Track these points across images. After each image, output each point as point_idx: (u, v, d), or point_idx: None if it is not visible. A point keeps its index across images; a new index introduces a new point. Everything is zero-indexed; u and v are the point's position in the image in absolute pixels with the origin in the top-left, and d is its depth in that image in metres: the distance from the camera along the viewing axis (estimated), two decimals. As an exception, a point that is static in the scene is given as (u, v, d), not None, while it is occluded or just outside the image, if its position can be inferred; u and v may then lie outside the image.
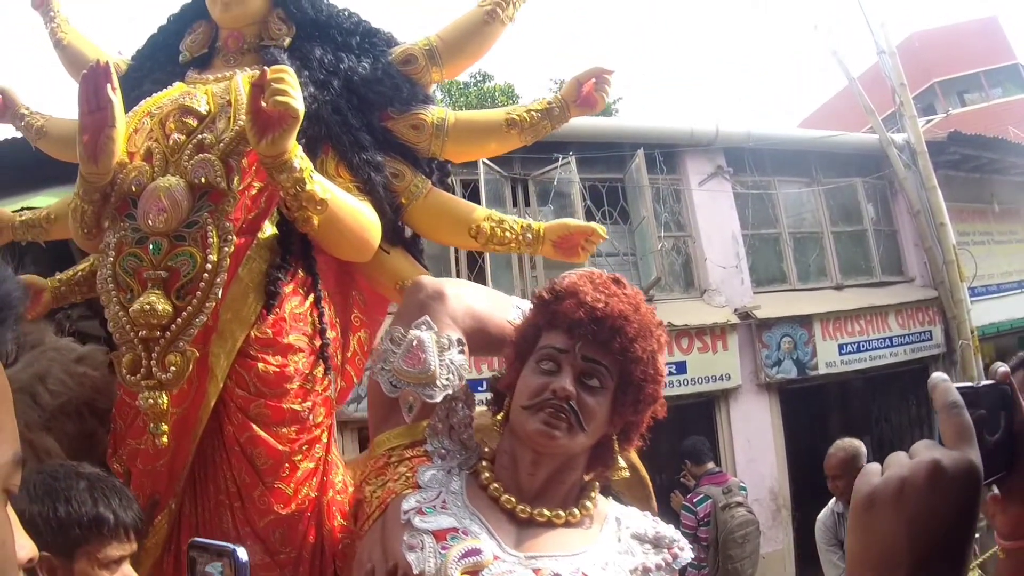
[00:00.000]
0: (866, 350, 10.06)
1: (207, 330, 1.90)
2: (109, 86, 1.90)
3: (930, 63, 18.08)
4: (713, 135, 9.75)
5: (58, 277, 2.39)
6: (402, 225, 2.35)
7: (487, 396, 1.85)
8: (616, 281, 1.72)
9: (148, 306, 1.84)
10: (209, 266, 1.89)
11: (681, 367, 8.64)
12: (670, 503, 6.02)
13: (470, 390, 1.81)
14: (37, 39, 2.71)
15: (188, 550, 1.35)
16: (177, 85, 2.21)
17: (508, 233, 2.28)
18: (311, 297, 2.08)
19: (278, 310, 1.99)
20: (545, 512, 1.62)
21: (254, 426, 1.91)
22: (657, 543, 1.69)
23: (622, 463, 1.79)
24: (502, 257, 7.99)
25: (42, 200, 5.07)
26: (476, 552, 1.50)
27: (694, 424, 8.25)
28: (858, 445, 4.42)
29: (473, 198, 3.05)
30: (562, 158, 8.58)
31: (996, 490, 0.92)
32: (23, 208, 3.08)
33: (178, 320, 1.86)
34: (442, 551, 1.49)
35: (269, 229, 2.06)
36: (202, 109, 2.04)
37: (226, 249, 1.91)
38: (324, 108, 2.16)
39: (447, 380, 1.73)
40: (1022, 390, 0.88)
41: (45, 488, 1.53)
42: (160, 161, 1.99)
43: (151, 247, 1.90)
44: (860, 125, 11.90)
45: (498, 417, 1.77)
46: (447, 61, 2.34)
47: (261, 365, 1.93)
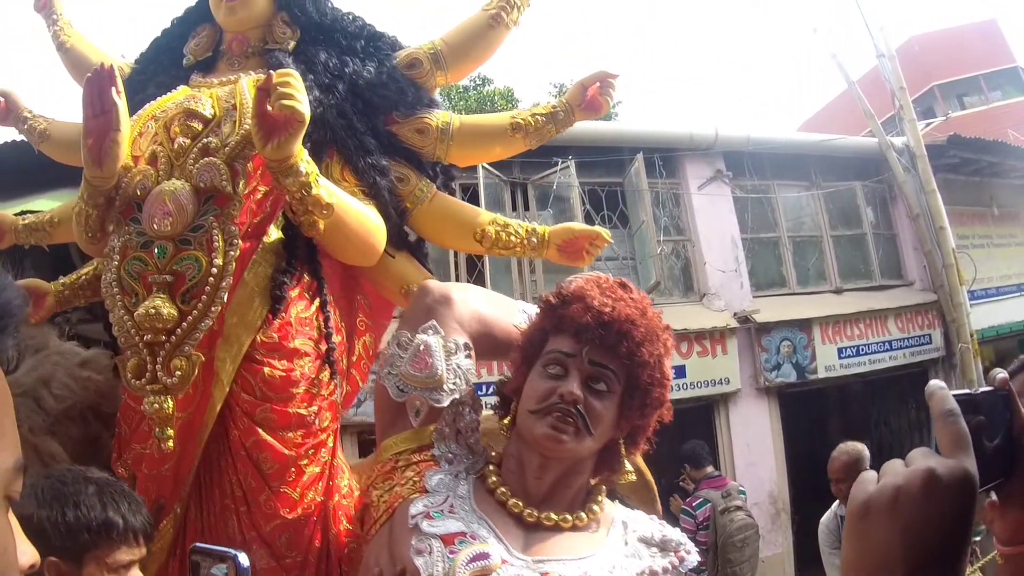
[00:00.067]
0: (865, 354, 10.08)
1: (212, 334, 1.89)
2: (113, 90, 1.90)
3: (929, 66, 18.10)
4: (712, 139, 9.77)
5: (61, 281, 2.38)
6: (407, 229, 2.34)
7: (494, 400, 1.84)
8: (623, 285, 1.72)
9: (153, 310, 1.84)
10: (215, 270, 1.89)
11: (680, 371, 8.63)
12: (670, 507, 6.02)
13: (477, 394, 1.81)
14: (40, 42, 2.70)
15: (190, 555, 1.35)
16: (181, 89, 2.21)
17: (513, 237, 2.27)
18: (317, 301, 2.08)
19: (284, 314, 1.98)
20: (552, 516, 1.62)
21: (260, 430, 1.90)
22: (663, 546, 1.68)
23: (628, 467, 1.79)
24: (501, 261, 7.99)
25: (44, 203, 5.09)
26: (484, 556, 1.50)
27: (693, 428, 8.24)
28: (861, 449, 4.42)
29: (472, 202, 3.04)
30: (561, 162, 8.60)
31: (995, 496, 0.92)
32: (25, 211, 3.07)
33: (183, 324, 1.86)
34: (450, 555, 1.49)
35: (275, 233, 2.05)
36: (207, 113, 2.04)
37: (231, 253, 1.91)
38: (329, 112, 2.16)
39: (454, 384, 1.73)
40: (1021, 395, 0.88)
41: (53, 493, 1.53)
42: (165, 165, 1.99)
43: (156, 251, 1.90)
44: (860, 128, 11.92)
45: (505, 421, 1.77)
46: (452, 65, 2.33)
47: (267, 369, 1.93)
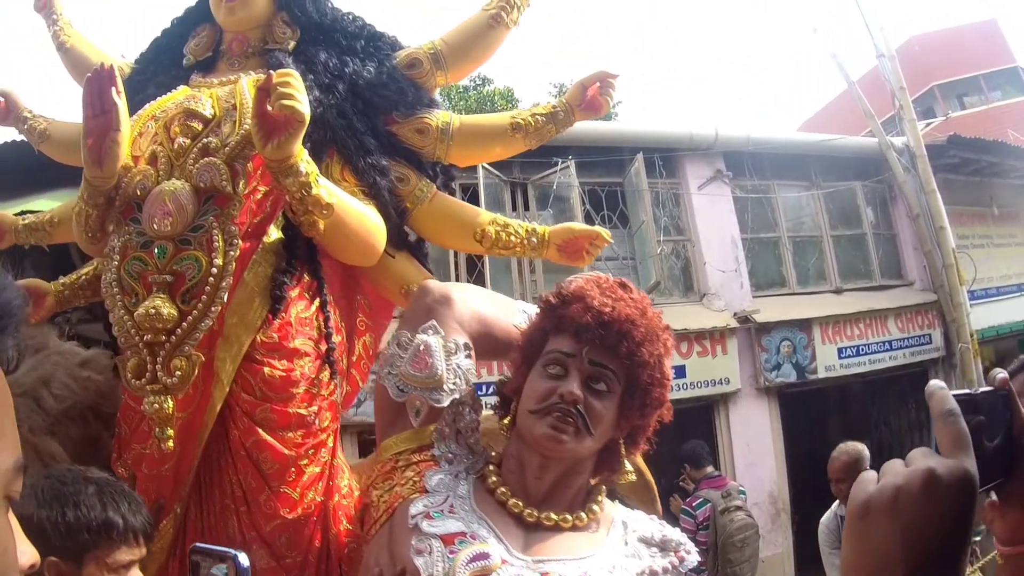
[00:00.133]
0: (865, 354, 10.08)
1: (213, 334, 1.89)
2: (113, 90, 1.90)
3: (930, 66, 18.09)
4: (712, 139, 9.77)
5: (62, 281, 2.38)
6: (407, 229, 2.34)
7: (494, 400, 1.84)
8: (623, 285, 1.72)
9: (153, 310, 1.84)
10: (215, 270, 1.89)
11: (680, 371, 8.63)
12: (670, 507, 6.02)
13: (477, 394, 1.81)
14: (40, 42, 2.70)
15: (190, 555, 1.35)
16: (181, 89, 2.21)
17: (513, 237, 2.27)
18: (317, 301, 2.08)
19: (284, 314, 1.98)
20: (552, 516, 1.62)
21: (260, 430, 1.90)
22: (663, 546, 1.68)
23: (628, 467, 1.79)
24: (501, 261, 7.99)
25: (44, 203, 5.09)
26: (484, 556, 1.50)
27: (693, 428, 8.24)
28: (861, 449, 4.42)
29: (472, 202, 3.04)
30: (561, 162, 8.60)
31: (995, 496, 0.92)
32: (25, 211, 3.07)
33: (183, 324, 1.86)
34: (450, 555, 1.49)
35: (275, 233, 2.05)
36: (207, 113, 2.04)
37: (232, 253, 1.91)
38: (329, 112, 2.16)
39: (454, 384, 1.73)
40: (1021, 395, 0.88)
41: (54, 492, 1.53)
42: (165, 165, 1.99)
43: (156, 251, 1.90)
44: (860, 128, 11.92)
45: (505, 421, 1.77)
46: (452, 65, 2.33)
47: (267, 369, 1.92)
